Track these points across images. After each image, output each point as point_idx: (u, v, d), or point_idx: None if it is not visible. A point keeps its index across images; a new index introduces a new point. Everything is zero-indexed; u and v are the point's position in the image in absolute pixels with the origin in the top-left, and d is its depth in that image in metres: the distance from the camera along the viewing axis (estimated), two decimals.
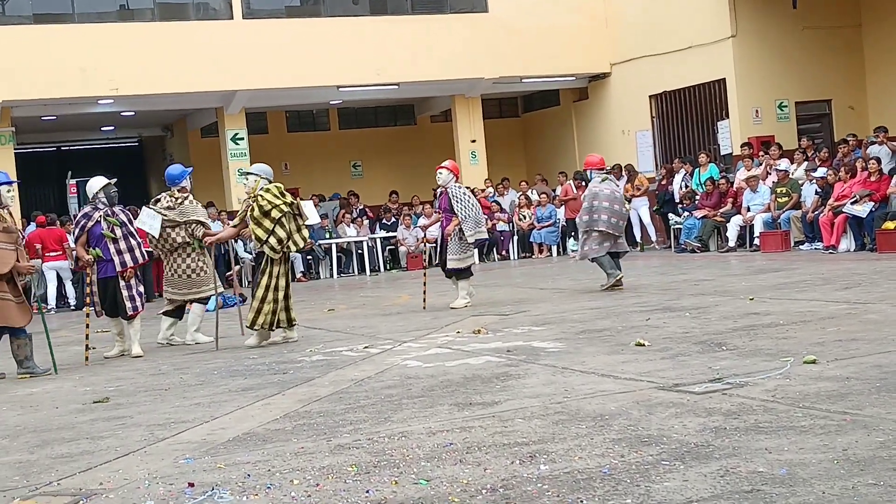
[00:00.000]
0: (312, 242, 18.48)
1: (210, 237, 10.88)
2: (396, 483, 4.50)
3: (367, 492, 4.40)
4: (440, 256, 12.44)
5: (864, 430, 4.70)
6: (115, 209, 10.34)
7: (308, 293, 16.56)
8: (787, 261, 14.86)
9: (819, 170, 16.92)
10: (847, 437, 4.60)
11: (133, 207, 17.86)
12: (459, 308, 12.01)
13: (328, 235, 20.87)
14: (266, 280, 9.99)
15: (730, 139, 19.98)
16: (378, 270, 21.21)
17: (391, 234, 21.67)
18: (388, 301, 14.25)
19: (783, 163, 17.97)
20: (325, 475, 4.74)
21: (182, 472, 5.03)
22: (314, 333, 10.72)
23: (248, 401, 6.97)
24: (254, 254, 12.19)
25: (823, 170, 16.83)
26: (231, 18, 20.70)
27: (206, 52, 20.15)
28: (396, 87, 22.13)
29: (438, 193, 12.62)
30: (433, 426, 5.59)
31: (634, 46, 22.06)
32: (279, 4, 21.87)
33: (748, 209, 17.83)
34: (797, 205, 17.09)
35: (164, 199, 11.03)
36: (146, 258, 10.69)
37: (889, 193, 15.41)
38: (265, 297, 9.95)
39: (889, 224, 14.70)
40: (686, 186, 19.62)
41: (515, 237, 21.84)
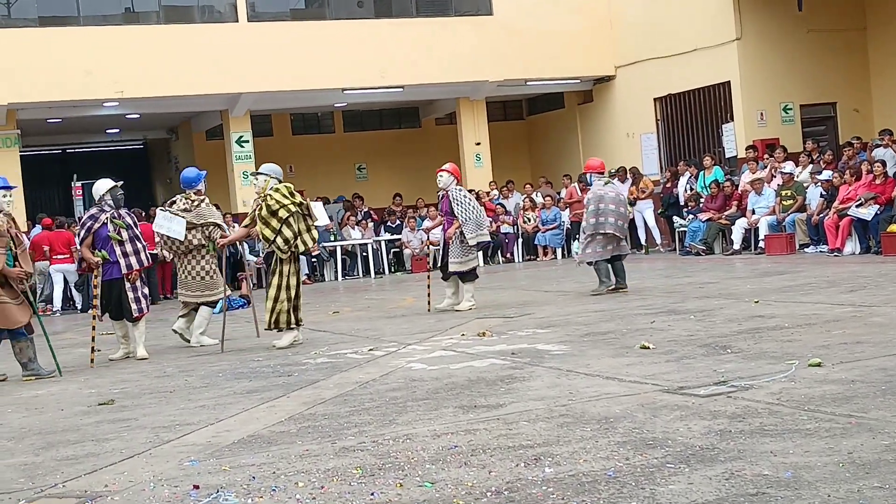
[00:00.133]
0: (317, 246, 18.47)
1: (222, 241, 10.91)
2: (401, 485, 4.50)
3: (372, 494, 4.41)
4: (442, 259, 12.45)
5: (870, 433, 4.70)
6: (122, 212, 10.37)
7: (313, 295, 16.55)
8: (792, 264, 14.84)
9: (824, 172, 16.90)
10: (852, 440, 4.60)
11: (137, 210, 17.94)
12: (464, 310, 12.02)
13: (333, 238, 20.88)
14: (277, 280, 10.01)
15: (734, 142, 19.97)
16: (382, 273, 21.21)
17: (396, 237, 21.69)
18: (393, 303, 14.25)
19: (788, 165, 17.95)
20: (330, 477, 4.74)
21: (187, 475, 5.03)
22: (319, 336, 10.72)
23: (253, 403, 6.97)
24: (262, 255, 12.20)
25: (829, 172, 16.81)
26: (236, 21, 20.71)
27: (211, 55, 20.16)
28: (401, 90, 22.13)
29: (440, 196, 12.62)
30: (438, 429, 5.60)
31: (639, 49, 22.06)
32: (284, 7, 21.90)
33: (753, 212, 17.81)
34: (802, 207, 17.07)
35: (180, 202, 11.03)
36: (151, 261, 10.72)
37: (894, 196, 15.38)
38: (278, 297, 9.96)
39: (894, 227, 14.68)
40: (691, 189, 19.62)
41: (520, 240, 21.84)
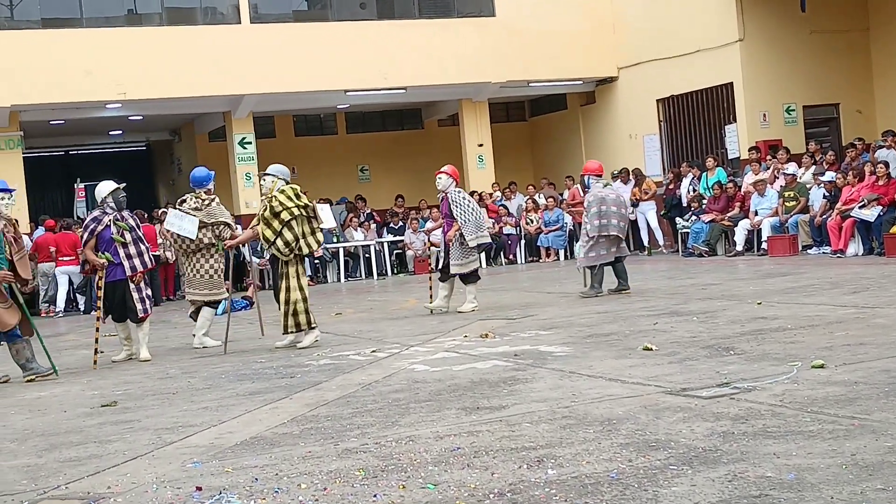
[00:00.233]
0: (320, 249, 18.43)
1: (230, 240, 10.92)
2: (404, 487, 4.50)
3: (375, 496, 4.41)
4: (443, 261, 12.45)
5: (873, 435, 4.69)
6: (124, 213, 10.37)
7: (316, 297, 16.43)
8: (795, 265, 14.83)
9: (827, 174, 16.89)
10: (855, 442, 4.59)
11: (140, 212, 17.94)
12: (467, 311, 12.01)
13: (335, 239, 20.89)
14: (285, 283, 10.01)
15: (737, 143, 19.95)
16: (385, 274, 21.22)
17: (398, 238, 21.69)
18: (396, 305, 14.25)
19: (791, 167, 17.94)
20: (333, 479, 4.74)
21: (190, 476, 5.03)
22: (322, 337, 10.70)
23: (256, 405, 6.97)
24: (267, 256, 12.19)
25: (832, 174, 16.80)
26: (238, 22, 20.72)
27: (214, 57, 20.17)
28: (404, 91, 22.14)
29: (441, 199, 12.62)
30: (441, 430, 5.59)
31: (642, 50, 22.05)
32: (286, 8, 21.92)
33: (756, 213, 17.81)
34: (805, 209, 17.06)
35: (191, 201, 11.02)
36: (153, 263, 10.72)
37: None
38: (291, 299, 9.95)
39: None
40: (694, 190, 19.60)
41: (522, 241, 21.84)
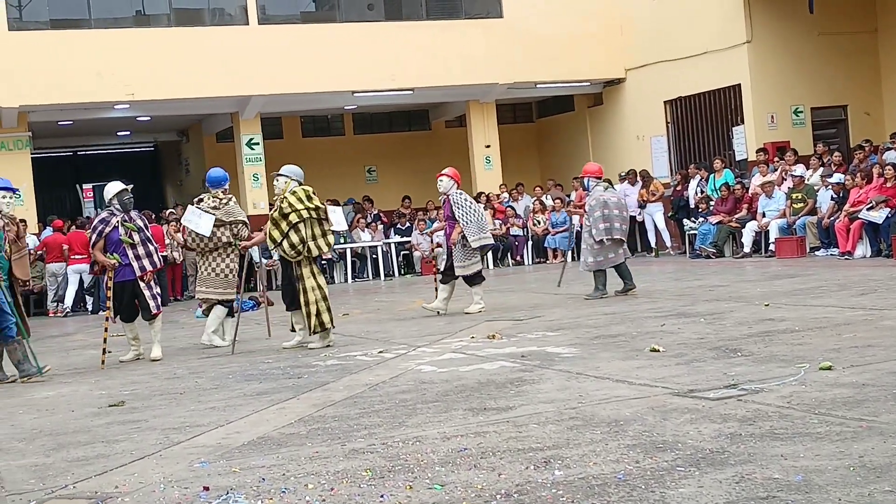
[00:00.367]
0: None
1: (245, 242, 10.92)
2: (411, 488, 4.50)
3: (382, 496, 4.41)
4: (446, 263, 12.45)
5: (881, 437, 4.68)
6: (132, 214, 10.38)
7: None
8: (803, 267, 14.80)
9: (835, 175, 16.85)
10: (863, 444, 4.58)
11: (147, 212, 17.97)
12: (473, 312, 12.02)
13: (343, 240, 20.90)
14: (301, 284, 10.00)
15: (745, 145, 19.93)
16: (392, 275, 21.23)
17: (406, 239, 21.70)
18: (403, 306, 14.26)
19: (799, 168, 17.91)
20: (340, 480, 4.74)
21: (197, 476, 5.04)
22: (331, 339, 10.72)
23: (263, 405, 6.98)
24: (277, 257, 12.20)
25: (840, 175, 16.76)
26: (246, 24, 20.75)
27: (222, 58, 20.20)
28: (411, 93, 22.15)
29: (442, 202, 12.62)
30: (448, 431, 5.59)
31: (649, 52, 22.03)
32: (294, 10, 21.95)
33: (763, 215, 17.78)
34: (813, 210, 17.03)
35: (208, 200, 11.04)
36: (162, 263, 10.72)
37: None
38: (310, 300, 9.93)
39: None
40: (701, 192, 19.58)
41: (529, 242, 21.83)
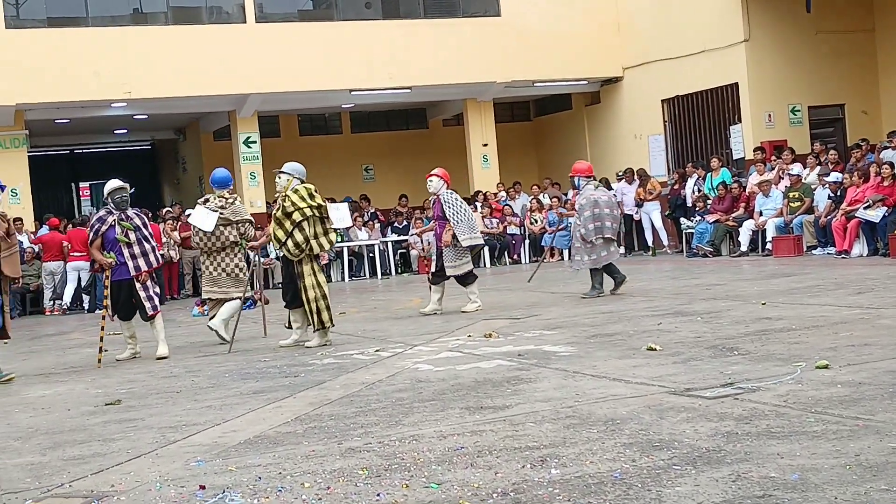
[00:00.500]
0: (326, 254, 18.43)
1: (253, 243, 10.92)
2: (407, 486, 4.50)
3: (378, 495, 4.40)
4: (436, 264, 12.45)
5: (877, 436, 4.68)
6: (129, 213, 10.31)
7: None
8: (800, 265, 14.81)
9: (833, 174, 16.86)
10: (859, 443, 4.58)
11: (145, 210, 17.95)
12: (471, 311, 12.02)
13: (340, 239, 20.89)
14: (302, 282, 9.98)
15: (742, 143, 19.93)
16: (389, 274, 21.23)
17: (402, 238, 21.70)
18: (400, 304, 14.25)
19: (796, 167, 17.92)
20: (336, 478, 4.74)
21: (193, 475, 5.04)
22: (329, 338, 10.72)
23: (260, 404, 6.98)
24: (278, 255, 12.20)
25: (837, 174, 16.77)
26: (244, 22, 20.74)
27: (219, 56, 20.19)
28: (409, 91, 22.14)
29: (432, 202, 12.61)
30: (444, 430, 5.59)
31: (647, 50, 22.03)
32: (292, 8, 21.93)
33: (760, 214, 17.79)
34: (810, 209, 17.04)
35: (214, 200, 11.06)
36: (160, 262, 10.60)
37: None
38: (310, 297, 9.91)
39: None
40: (698, 191, 19.58)
41: (527, 241, 21.82)
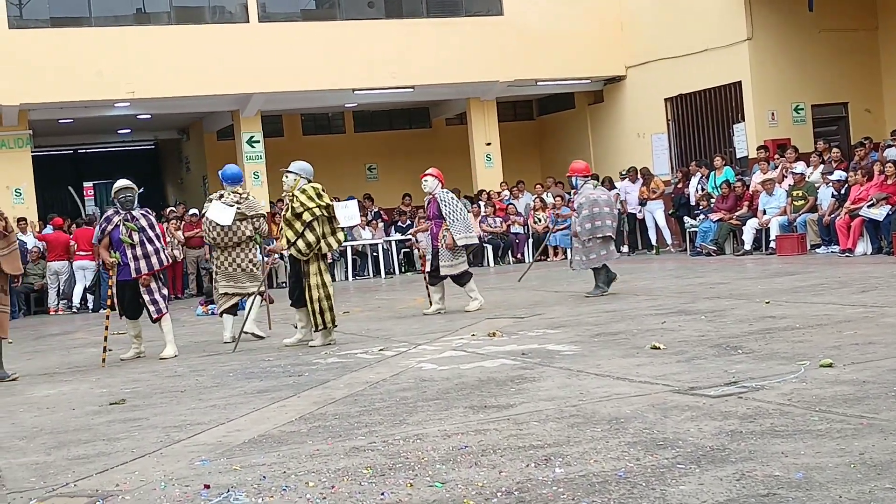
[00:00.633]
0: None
1: (273, 247, 10.85)
2: (412, 485, 4.50)
3: (383, 494, 4.41)
4: (432, 264, 12.45)
5: (881, 434, 4.68)
6: (135, 213, 10.24)
7: None
8: (804, 264, 14.80)
9: (837, 172, 16.84)
10: (864, 441, 4.58)
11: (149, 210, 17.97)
12: (475, 310, 12.03)
13: (344, 238, 20.89)
14: (307, 281, 9.97)
15: (745, 142, 19.93)
16: (393, 273, 21.23)
17: (406, 237, 21.69)
18: (403, 304, 14.25)
19: (799, 166, 17.91)
20: (341, 477, 4.74)
21: (198, 474, 5.04)
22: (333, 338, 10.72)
23: (264, 403, 6.98)
24: (277, 256, 12.20)
25: (842, 173, 16.75)
26: (247, 22, 20.75)
27: (222, 56, 20.20)
28: (412, 90, 22.14)
29: (427, 202, 12.62)
30: (448, 429, 5.59)
31: (650, 49, 22.02)
32: (295, 8, 21.94)
33: (764, 212, 17.77)
34: (813, 208, 17.02)
35: (228, 196, 11.04)
36: (163, 264, 10.30)
37: None
38: (314, 297, 9.90)
39: None
40: (702, 189, 19.57)
41: (530, 240, 21.82)
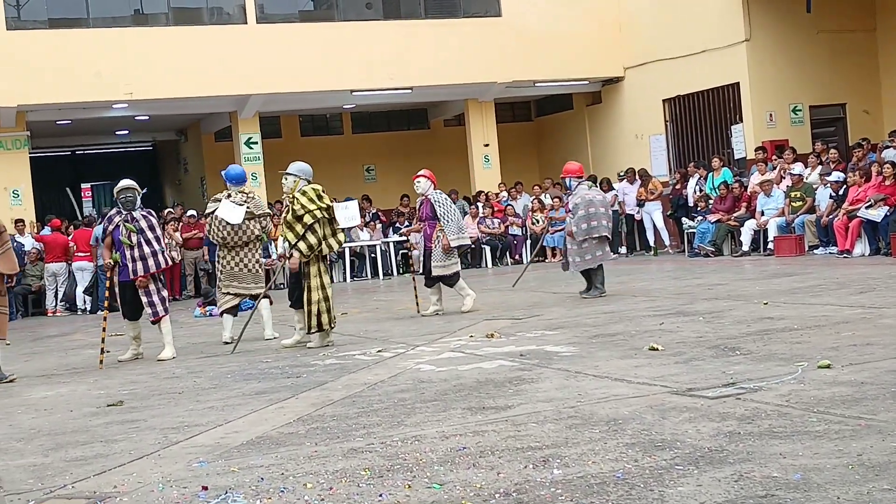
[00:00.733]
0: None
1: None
2: (410, 487, 4.50)
3: (381, 495, 4.41)
4: (425, 265, 12.45)
5: (879, 436, 4.68)
6: (136, 214, 10.19)
7: None
8: (802, 265, 14.81)
9: (834, 174, 16.85)
10: (862, 442, 4.58)
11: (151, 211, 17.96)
12: (470, 307, 12.04)
13: (343, 239, 20.89)
14: (307, 283, 9.96)
15: (743, 143, 19.93)
16: (391, 274, 21.22)
17: (404, 238, 21.67)
18: (401, 305, 14.24)
19: (797, 167, 17.92)
20: (339, 479, 4.74)
21: (196, 476, 5.04)
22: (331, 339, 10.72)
23: (262, 404, 6.98)
24: (273, 257, 12.18)
25: (840, 174, 16.75)
26: (245, 23, 20.75)
27: (220, 57, 20.20)
28: (410, 92, 22.15)
29: (419, 203, 12.63)
30: (446, 430, 5.59)
31: (648, 50, 22.03)
32: (293, 9, 21.94)
33: (762, 213, 17.78)
34: (811, 209, 17.03)
35: (236, 196, 10.99)
36: (161, 267, 10.19)
37: None
38: (313, 299, 9.89)
39: None
40: (700, 190, 19.58)
41: (528, 241, 21.82)
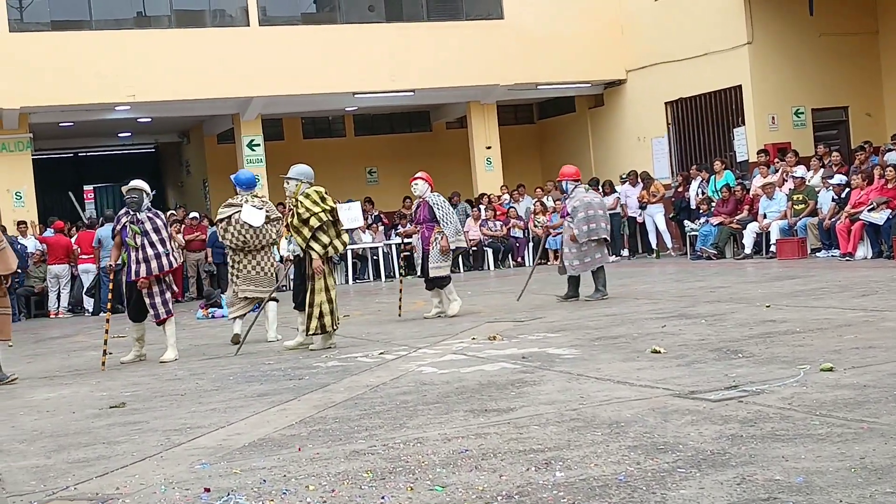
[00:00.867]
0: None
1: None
2: (412, 489, 4.50)
3: (383, 498, 4.40)
4: (422, 267, 12.45)
5: (882, 439, 4.68)
6: (141, 215, 10.15)
7: None
8: (804, 268, 14.79)
9: (837, 176, 16.84)
10: (864, 446, 4.58)
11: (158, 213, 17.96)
12: (456, 312, 12.06)
13: (347, 241, 20.90)
14: (311, 284, 9.96)
15: (746, 146, 19.94)
16: (393, 276, 21.22)
17: (406, 241, 21.67)
18: (404, 307, 14.23)
19: (799, 170, 17.91)
20: (341, 481, 4.74)
21: (198, 478, 5.04)
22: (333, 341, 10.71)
23: (264, 406, 6.98)
24: (278, 258, 12.18)
25: (842, 176, 16.75)
26: (247, 25, 20.78)
27: (223, 59, 20.23)
28: (412, 94, 22.16)
29: (417, 205, 12.64)
30: (448, 432, 5.59)
31: (650, 53, 22.05)
32: (295, 11, 21.97)
33: (764, 216, 17.78)
34: (814, 212, 17.03)
35: (253, 200, 10.99)
36: (164, 269, 10.10)
37: None
38: (316, 301, 9.87)
39: None
40: (702, 193, 19.58)
41: (531, 244, 21.82)
